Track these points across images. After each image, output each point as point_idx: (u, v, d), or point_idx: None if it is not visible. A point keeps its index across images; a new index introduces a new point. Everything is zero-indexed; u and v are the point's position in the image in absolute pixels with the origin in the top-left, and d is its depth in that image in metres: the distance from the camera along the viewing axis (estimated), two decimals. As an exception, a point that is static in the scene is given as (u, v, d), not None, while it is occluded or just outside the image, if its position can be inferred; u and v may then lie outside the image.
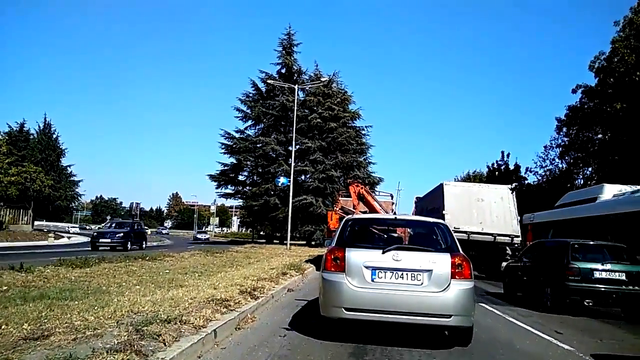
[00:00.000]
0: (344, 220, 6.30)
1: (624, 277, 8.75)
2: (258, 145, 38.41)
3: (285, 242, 42.49)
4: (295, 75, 40.61)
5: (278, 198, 36.84)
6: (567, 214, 14.94)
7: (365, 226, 6.60)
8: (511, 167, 42.75)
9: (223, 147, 39.78)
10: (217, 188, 40.25)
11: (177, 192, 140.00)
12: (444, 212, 15.79)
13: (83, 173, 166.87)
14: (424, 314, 4.96)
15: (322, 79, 31.46)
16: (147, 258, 13.02)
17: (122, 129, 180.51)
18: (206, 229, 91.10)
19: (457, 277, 5.05)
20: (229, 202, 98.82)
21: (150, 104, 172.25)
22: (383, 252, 5.18)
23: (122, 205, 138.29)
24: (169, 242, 48.96)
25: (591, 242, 9.95)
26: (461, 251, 5.37)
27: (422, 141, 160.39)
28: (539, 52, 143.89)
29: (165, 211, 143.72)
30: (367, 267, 5.12)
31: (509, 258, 13.87)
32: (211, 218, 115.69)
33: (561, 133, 25.61)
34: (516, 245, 15.94)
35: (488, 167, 43.84)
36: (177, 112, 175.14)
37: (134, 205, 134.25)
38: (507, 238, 15.55)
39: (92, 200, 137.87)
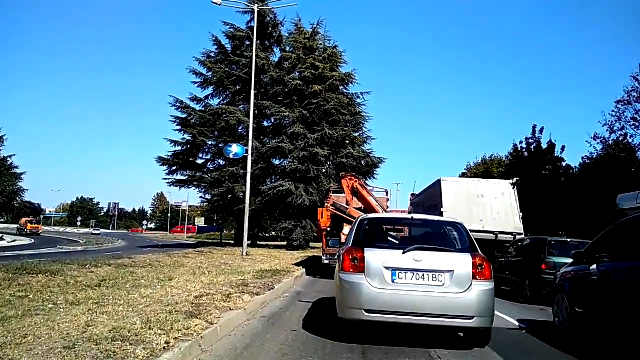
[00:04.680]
0: (358, 219, 6.14)
1: None
2: (222, 118, 29.10)
3: (259, 243, 33.67)
4: (270, 27, 31.47)
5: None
6: None
7: (381, 226, 6.33)
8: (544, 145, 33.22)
9: (175, 120, 30.52)
10: (168, 174, 31.00)
11: (161, 192, 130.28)
12: (442, 209, 14.81)
13: (65, 174, 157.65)
14: (446, 315, 4.88)
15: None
16: None
17: (109, 127, 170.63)
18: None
19: (478, 277, 5.02)
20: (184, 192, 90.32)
21: (139, 99, 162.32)
22: (404, 253, 5.11)
23: (100, 206, 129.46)
24: (120, 244, 40.92)
25: (567, 240, 11.37)
26: (480, 251, 5.32)
27: (434, 121, 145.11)
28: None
29: (150, 212, 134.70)
30: (387, 268, 5.04)
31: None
32: (197, 218, 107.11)
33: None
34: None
35: (515, 145, 34.24)
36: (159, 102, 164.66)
37: (112, 206, 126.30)
38: (510, 236, 14.57)
39: (73, 202, 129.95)
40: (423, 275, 4.97)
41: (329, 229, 16.16)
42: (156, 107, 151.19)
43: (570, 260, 9.57)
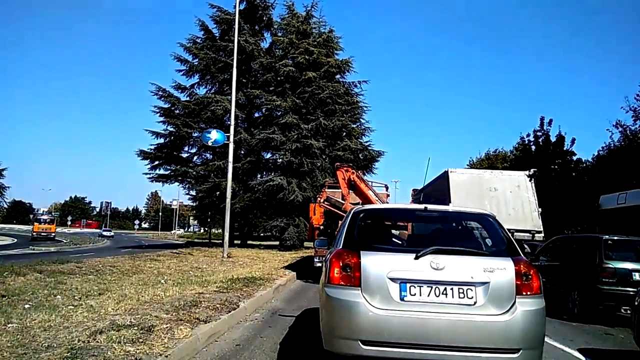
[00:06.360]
0: (351, 212, 4.39)
1: None
2: (209, 107, 26.80)
3: (250, 242, 31.41)
4: (260, 10, 29.23)
5: (235, 180, 25.35)
6: None
7: (382, 221, 4.73)
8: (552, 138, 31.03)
9: (158, 111, 28.19)
10: (150, 168, 28.67)
11: (156, 192, 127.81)
12: (450, 205, 12.81)
13: (57, 173, 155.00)
14: (480, 348, 3.38)
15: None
16: None
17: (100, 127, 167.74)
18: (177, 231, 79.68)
19: (524, 292, 3.55)
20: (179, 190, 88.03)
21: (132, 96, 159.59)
22: (416, 257, 3.61)
23: (92, 205, 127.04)
24: (103, 244, 39.26)
25: (625, 238, 8.55)
26: (523, 255, 3.83)
27: (434, 118, 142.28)
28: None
29: (144, 211, 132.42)
30: (393, 280, 3.56)
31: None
32: (190, 218, 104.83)
33: None
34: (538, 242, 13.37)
35: (521, 138, 32.05)
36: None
37: (104, 205, 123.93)
38: (527, 234, 13.08)
39: (65, 201, 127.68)
40: (445, 289, 3.56)
41: (321, 227, 14.40)
42: (147, 103, 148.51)
43: (636, 266, 7.82)
